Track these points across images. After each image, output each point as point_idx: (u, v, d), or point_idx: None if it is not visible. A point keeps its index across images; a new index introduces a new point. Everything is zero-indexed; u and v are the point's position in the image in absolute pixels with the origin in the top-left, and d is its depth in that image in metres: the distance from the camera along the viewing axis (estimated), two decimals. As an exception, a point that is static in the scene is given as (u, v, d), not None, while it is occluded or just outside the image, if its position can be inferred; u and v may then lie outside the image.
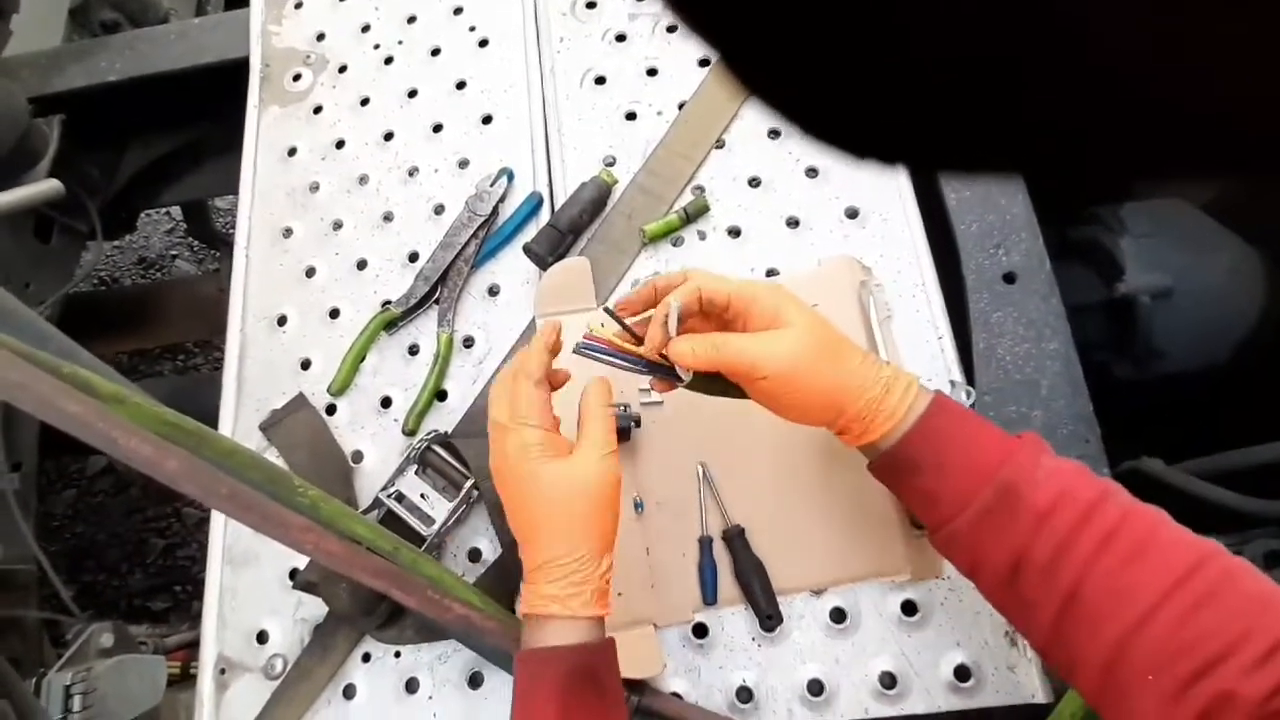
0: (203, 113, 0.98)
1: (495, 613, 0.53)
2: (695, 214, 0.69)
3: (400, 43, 0.84)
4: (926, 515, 0.48)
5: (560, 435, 0.50)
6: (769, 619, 0.57)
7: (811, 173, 0.71)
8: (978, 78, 0.12)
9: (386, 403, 0.69)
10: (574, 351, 0.50)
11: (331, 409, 0.69)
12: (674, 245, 0.70)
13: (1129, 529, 0.40)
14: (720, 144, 0.73)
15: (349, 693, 0.60)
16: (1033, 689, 0.54)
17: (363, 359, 0.70)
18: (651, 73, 0.77)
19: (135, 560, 1.55)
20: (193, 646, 0.82)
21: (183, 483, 0.42)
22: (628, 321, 0.51)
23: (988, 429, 0.47)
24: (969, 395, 0.60)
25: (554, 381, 0.53)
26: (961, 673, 0.55)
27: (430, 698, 0.59)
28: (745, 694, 0.56)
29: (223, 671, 0.62)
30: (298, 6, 0.88)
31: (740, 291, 0.49)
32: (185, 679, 0.77)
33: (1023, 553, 0.42)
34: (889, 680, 0.55)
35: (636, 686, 0.55)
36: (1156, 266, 0.75)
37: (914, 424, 0.46)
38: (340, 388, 0.69)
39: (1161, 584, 0.38)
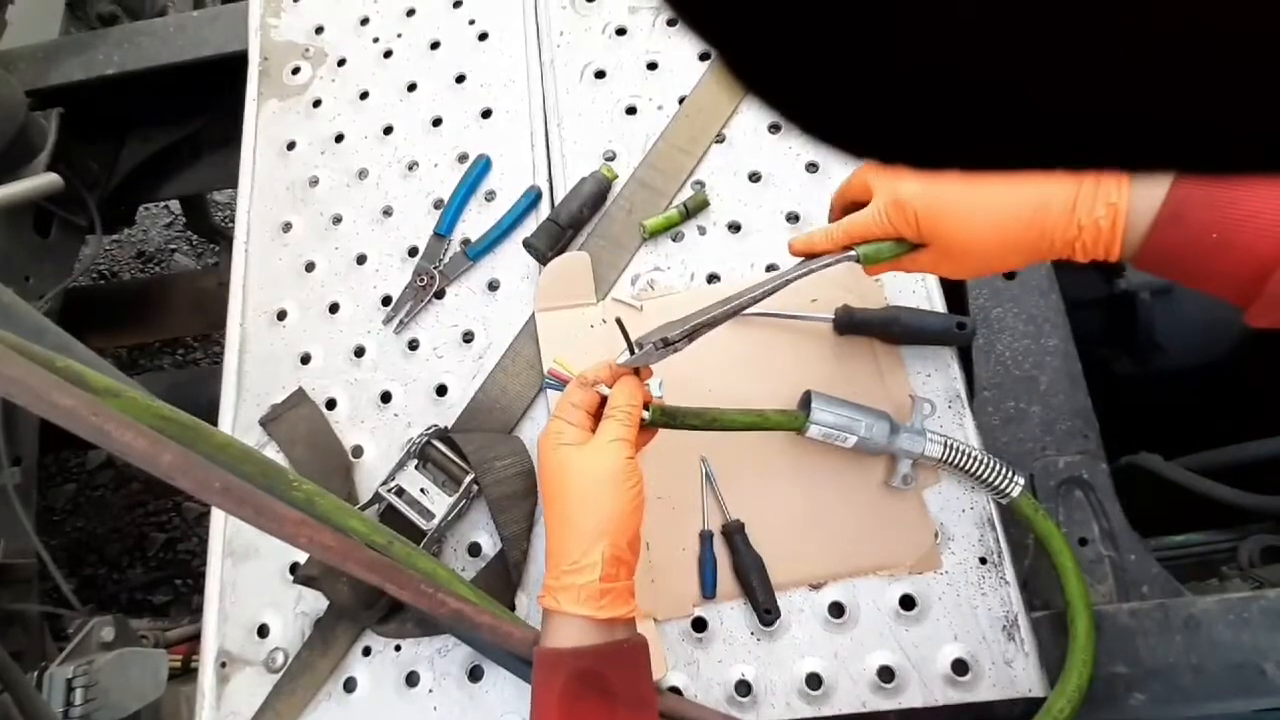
0: (201, 106, 0.98)
1: (490, 607, 0.53)
2: (695, 209, 0.69)
3: (399, 36, 0.84)
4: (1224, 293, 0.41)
5: (590, 433, 0.50)
6: (767, 613, 0.57)
7: (812, 168, 0.70)
8: (978, 77, 0.12)
9: (386, 398, 0.69)
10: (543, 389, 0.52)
11: (331, 404, 0.69)
12: (674, 240, 0.70)
13: None
14: (720, 139, 0.73)
15: (350, 686, 0.60)
16: (1030, 683, 0.54)
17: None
18: (652, 67, 0.77)
19: (136, 554, 1.55)
20: (194, 640, 0.83)
21: (176, 476, 0.42)
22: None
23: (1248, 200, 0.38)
24: (931, 409, 0.59)
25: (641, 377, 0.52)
26: (959, 667, 0.55)
27: (431, 691, 0.59)
28: (744, 688, 0.56)
29: (224, 665, 0.62)
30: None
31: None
32: (187, 672, 0.78)
33: None
34: (887, 674, 0.55)
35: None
36: (1157, 262, 0.75)
37: (1141, 242, 0.41)
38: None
39: None
